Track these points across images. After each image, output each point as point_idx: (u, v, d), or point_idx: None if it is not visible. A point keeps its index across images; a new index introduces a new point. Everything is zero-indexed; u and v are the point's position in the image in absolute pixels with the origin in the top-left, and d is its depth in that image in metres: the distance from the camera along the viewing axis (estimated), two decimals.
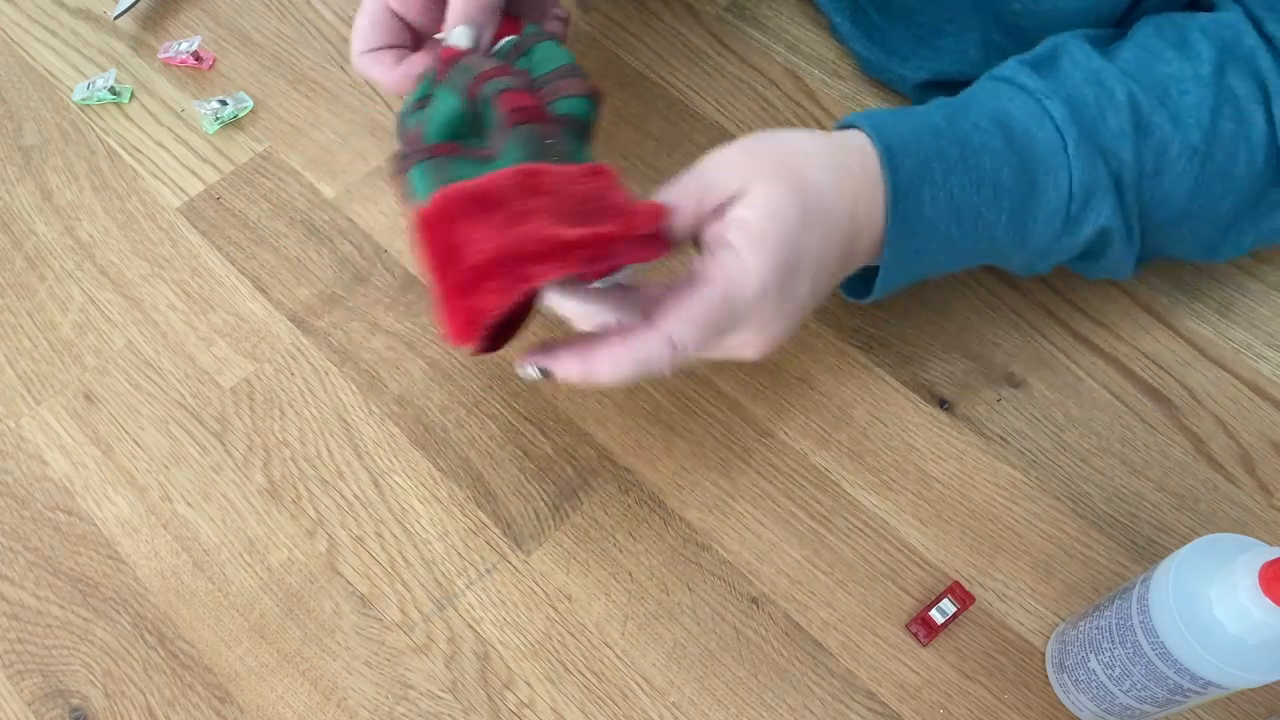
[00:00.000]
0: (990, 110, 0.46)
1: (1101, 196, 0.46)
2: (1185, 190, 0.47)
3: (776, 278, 0.41)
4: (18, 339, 0.56)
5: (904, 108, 0.47)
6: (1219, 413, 0.53)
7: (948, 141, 0.45)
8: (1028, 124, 0.46)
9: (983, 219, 0.46)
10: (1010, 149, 0.45)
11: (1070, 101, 0.46)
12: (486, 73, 0.43)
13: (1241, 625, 0.35)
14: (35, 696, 0.47)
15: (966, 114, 0.46)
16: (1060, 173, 0.45)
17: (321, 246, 0.59)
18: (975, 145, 0.45)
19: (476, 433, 0.53)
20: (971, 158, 0.45)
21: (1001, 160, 0.45)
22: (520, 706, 0.46)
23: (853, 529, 0.50)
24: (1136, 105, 0.46)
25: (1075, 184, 0.46)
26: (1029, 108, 0.46)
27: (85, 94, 0.65)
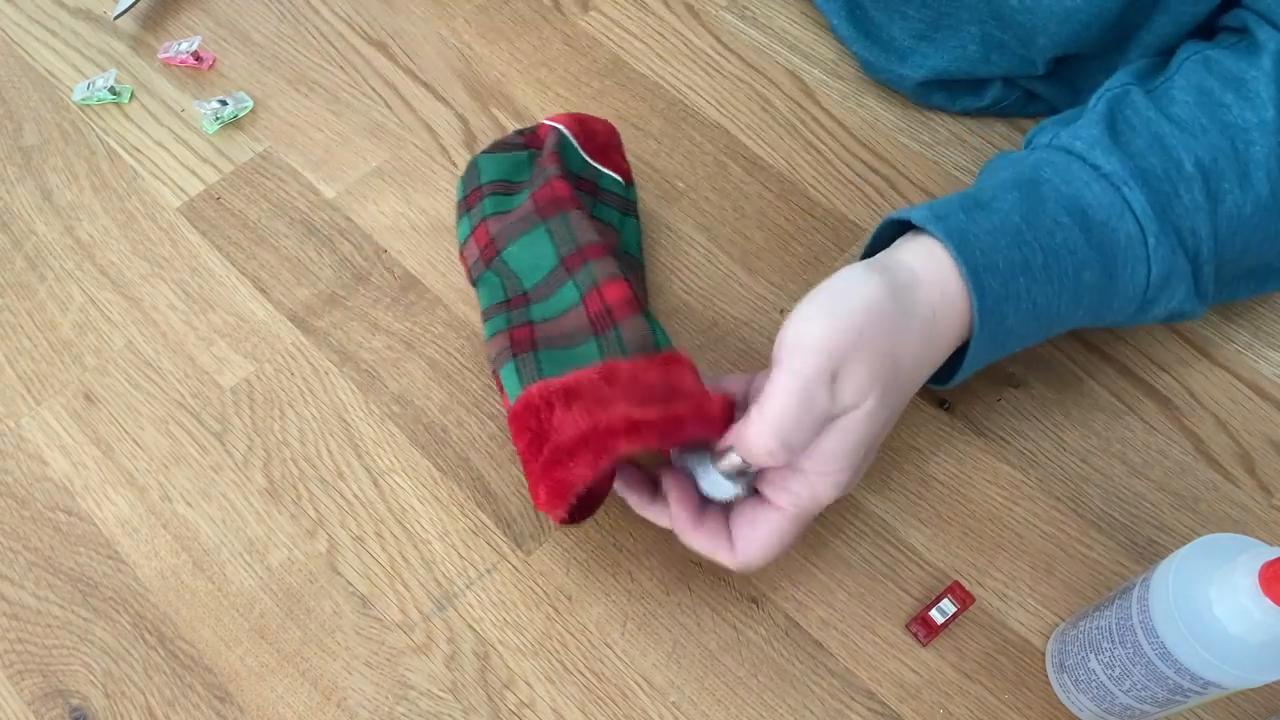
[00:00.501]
0: (1068, 200, 0.44)
1: (1177, 282, 0.46)
2: (1259, 241, 0.47)
3: (849, 483, 0.43)
4: (18, 339, 0.56)
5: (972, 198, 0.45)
6: (1219, 413, 0.53)
7: (1031, 250, 0.43)
8: (1107, 217, 0.44)
9: (1061, 316, 0.45)
10: (1090, 246, 0.44)
11: (1146, 182, 0.44)
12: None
13: (1241, 625, 0.35)
14: (35, 696, 0.47)
15: (1044, 207, 0.44)
16: (1139, 265, 0.45)
17: (321, 246, 0.59)
18: (1057, 248, 0.44)
19: (476, 433, 0.53)
20: (1054, 263, 0.44)
21: (1083, 261, 0.44)
22: (520, 706, 0.46)
23: (852, 529, 0.50)
24: (1206, 174, 0.45)
25: (1153, 275, 0.45)
26: (1107, 197, 0.44)
27: (85, 94, 0.65)
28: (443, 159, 0.62)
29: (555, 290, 0.48)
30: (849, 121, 0.63)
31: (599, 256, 0.47)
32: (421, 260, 0.58)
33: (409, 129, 0.63)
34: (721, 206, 0.60)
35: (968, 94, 0.62)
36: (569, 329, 0.47)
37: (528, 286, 0.49)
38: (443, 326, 0.56)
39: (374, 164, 0.62)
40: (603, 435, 0.41)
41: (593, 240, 0.48)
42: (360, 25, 0.68)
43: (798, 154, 0.62)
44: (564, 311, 0.47)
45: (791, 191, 0.60)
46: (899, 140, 0.62)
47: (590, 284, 0.47)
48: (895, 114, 0.63)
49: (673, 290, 0.57)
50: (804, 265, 0.58)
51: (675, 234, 0.59)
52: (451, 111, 0.64)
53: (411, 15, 0.69)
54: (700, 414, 0.42)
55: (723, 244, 0.58)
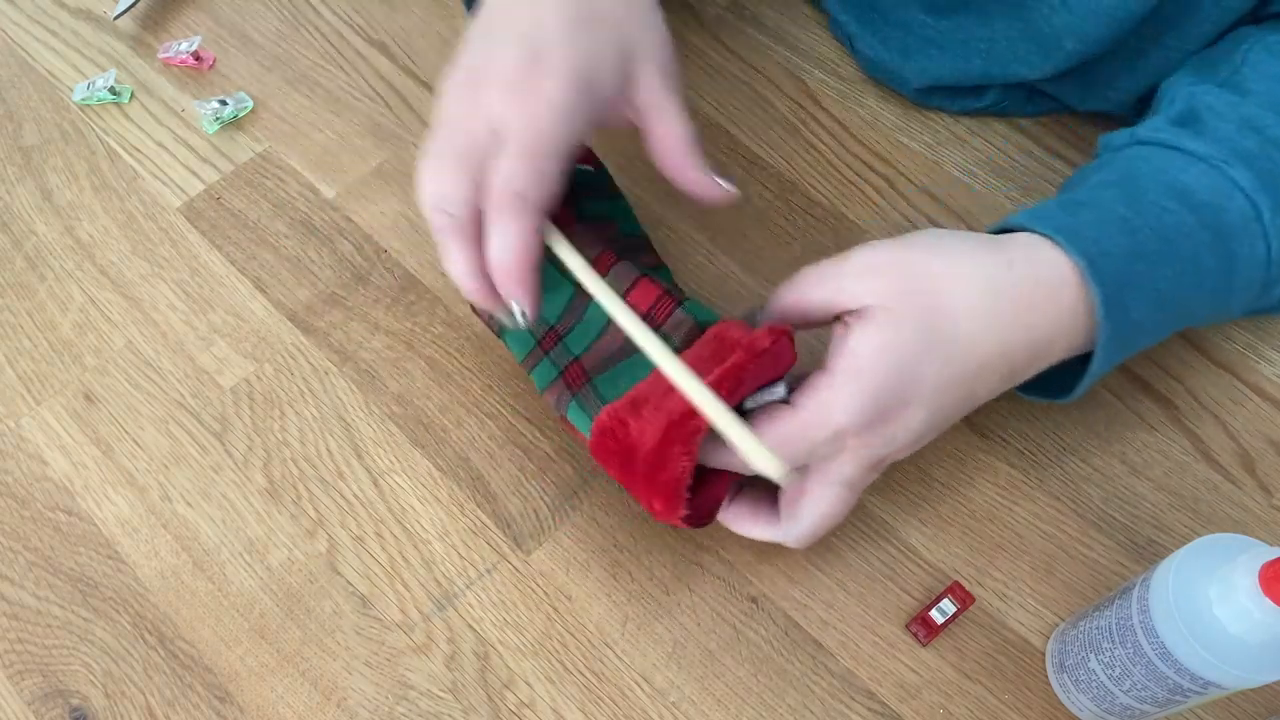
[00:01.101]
0: (1168, 185, 0.43)
1: None
2: None
3: (869, 413, 0.40)
4: (18, 339, 0.56)
5: (1070, 198, 0.44)
6: (1219, 413, 0.53)
7: (1143, 236, 0.42)
8: (1214, 196, 0.43)
9: (1185, 304, 0.44)
10: (1203, 227, 0.43)
11: (1246, 160, 0.43)
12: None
13: (1241, 625, 0.35)
14: (35, 696, 0.47)
15: (1144, 194, 0.43)
16: (1257, 242, 0.43)
17: (321, 246, 0.59)
18: (1170, 232, 0.42)
19: (476, 433, 0.53)
20: (1169, 247, 0.42)
21: (1199, 242, 0.43)
22: (520, 706, 0.46)
23: (853, 529, 0.50)
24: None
25: (1274, 250, 0.44)
26: (1211, 178, 0.43)
27: (85, 94, 0.65)
28: None
29: (582, 314, 0.48)
30: (849, 121, 0.63)
31: (610, 265, 0.47)
32: (421, 260, 0.58)
33: (409, 129, 0.63)
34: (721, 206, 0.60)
35: (968, 95, 0.62)
36: (613, 346, 0.46)
37: (554, 321, 0.48)
38: (443, 326, 0.56)
39: (374, 164, 0.62)
40: (680, 421, 0.40)
41: (598, 253, 0.47)
42: (360, 25, 0.68)
43: (798, 154, 0.62)
44: (601, 332, 0.47)
45: (791, 191, 0.60)
46: (899, 140, 0.62)
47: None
48: (895, 114, 0.63)
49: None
50: (804, 265, 0.57)
51: (675, 234, 0.59)
52: None
53: (411, 15, 0.69)
54: (754, 354, 0.40)
55: (722, 244, 0.58)
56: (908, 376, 0.40)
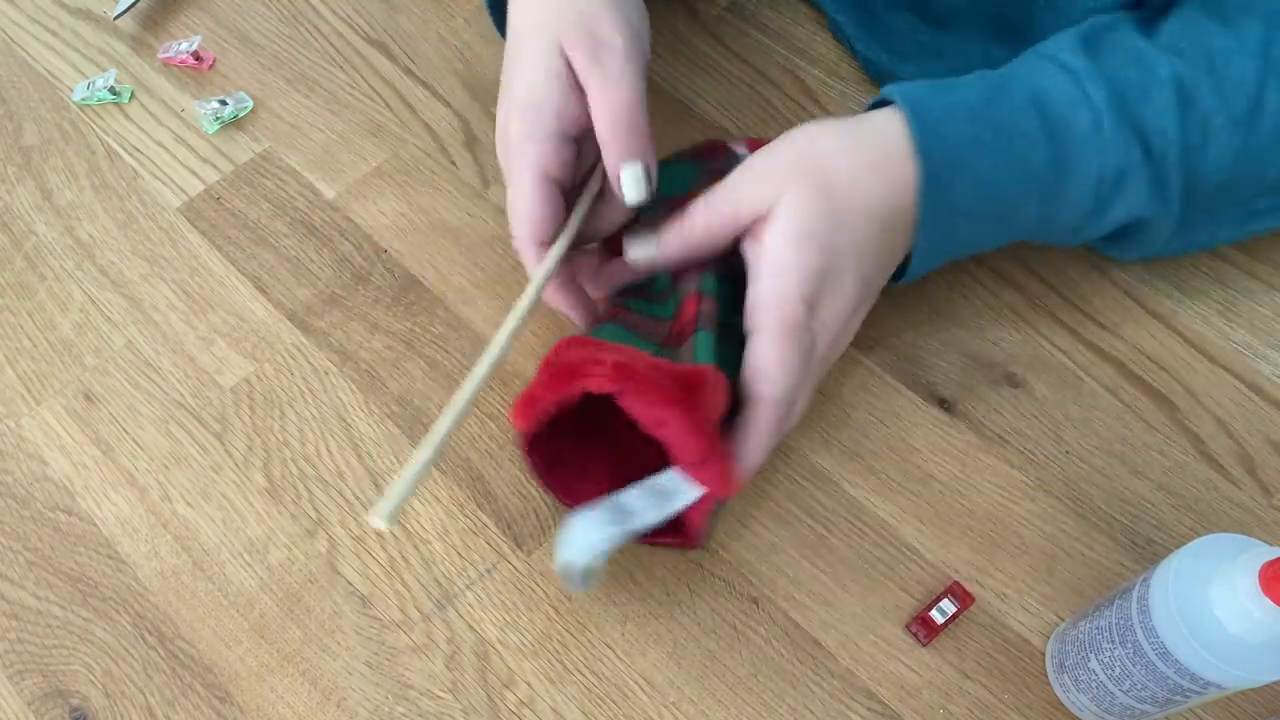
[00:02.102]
0: (1029, 89, 0.45)
1: (1135, 182, 0.46)
2: (1229, 159, 0.47)
3: (814, 285, 0.43)
4: (18, 339, 0.56)
5: (944, 81, 0.47)
6: (1219, 413, 0.53)
7: (983, 125, 0.44)
8: (1065, 107, 0.45)
9: (1011, 203, 0.46)
10: (1045, 133, 0.45)
11: (1112, 82, 0.45)
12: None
13: (1241, 625, 0.35)
14: (35, 696, 0.47)
15: (1005, 93, 0.45)
16: (1091, 158, 0.45)
17: (322, 246, 0.59)
18: (1009, 130, 0.45)
19: (476, 433, 0.53)
20: (1005, 144, 0.45)
21: (1036, 145, 0.45)
22: (520, 706, 0.46)
23: (853, 529, 0.50)
24: (1180, 80, 0.45)
25: (1106, 168, 0.46)
26: (1068, 89, 0.45)
27: (85, 94, 0.65)
28: (443, 159, 0.62)
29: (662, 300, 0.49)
30: None
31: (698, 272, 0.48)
32: (421, 260, 0.58)
33: (409, 129, 0.63)
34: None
35: None
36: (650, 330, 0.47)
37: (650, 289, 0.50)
38: (443, 326, 0.56)
39: (374, 164, 0.62)
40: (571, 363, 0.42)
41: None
42: (360, 25, 0.68)
43: None
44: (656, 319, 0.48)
45: None
46: None
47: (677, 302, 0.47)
48: None
49: None
50: None
51: None
52: (451, 111, 0.64)
53: (411, 15, 0.69)
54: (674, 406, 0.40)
55: None
56: (829, 247, 0.43)
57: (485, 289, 0.57)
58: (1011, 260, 0.57)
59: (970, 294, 0.57)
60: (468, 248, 0.59)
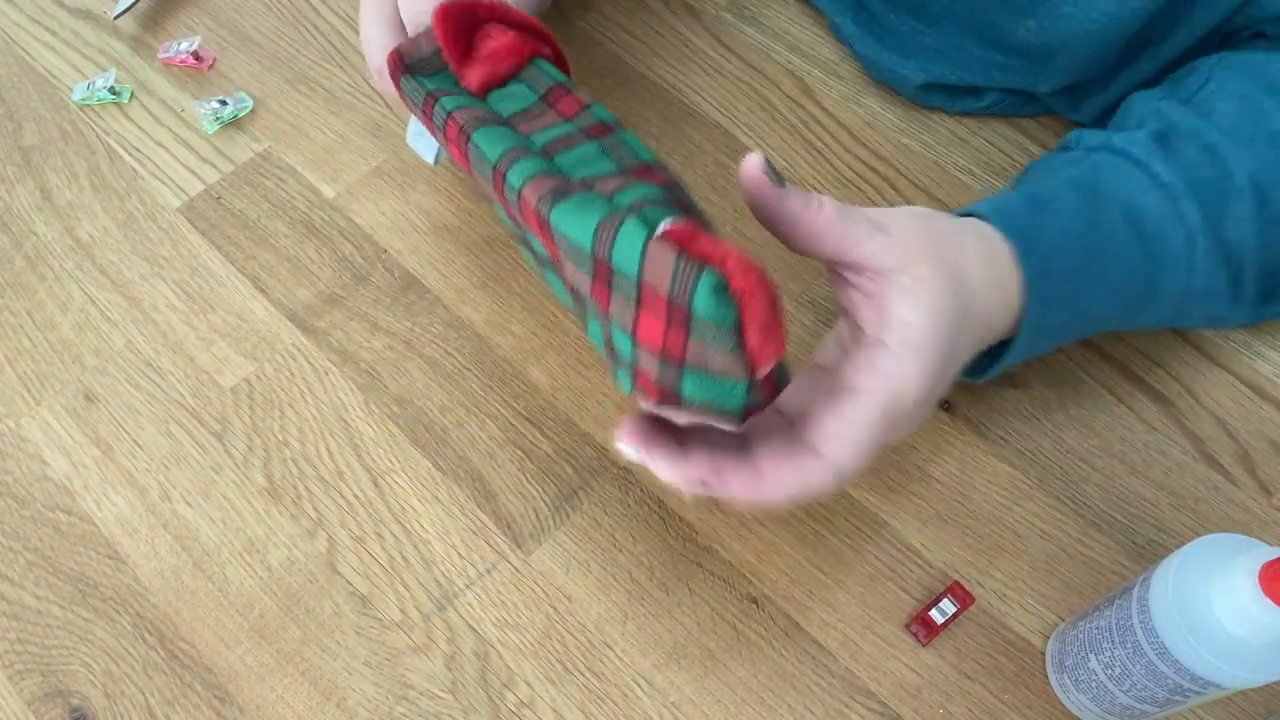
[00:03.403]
0: (1126, 206, 0.45)
1: (1215, 294, 0.46)
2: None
3: (933, 386, 0.39)
4: (18, 339, 0.56)
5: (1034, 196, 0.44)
6: (1219, 413, 0.53)
7: (1089, 256, 0.44)
8: (1161, 225, 0.45)
9: (1100, 318, 0.46)
10: (1143, 255, 0.45)
11: (1199, 195, 0.44)
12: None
13: (1241, 625, 0.35)
14: (35, 696, 0.47)
15: (1103, 211, 0.44)
16: (1180, 276, 0.45)
17: (322, 246, 0.59)
18: (1111, 254, 0.44)
19: (476, 433, 0.53)
20: (1107, 272, 0.44)
21: (1134, 269, 0.45)
22: (520, 706, 0.46)
23: (853, 529, 0.50)
24: (1258, 184, 0.45)
25: (1193, 287, 0.46)
26: (1162, 207, 0.45)
27: (85, 94, 0.65)
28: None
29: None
30: (849, 121, 0.63)
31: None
32: (421, 260, 0.58)
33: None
34: (721, 206, 0.60)
35: (967, 96, 0.62)
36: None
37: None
38: (443, 326, 0.56)
39: (374, 164, 0.62)
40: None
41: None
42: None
43: (798, 154, 0.62)
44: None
45: None
46: (899, 140, 0.62)
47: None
48: (895, 114, 0.63)
49: None
50: (804, 264, 0.57)
51: None
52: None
53: None
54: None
55: None
56: (954, 346, 0.39)
57: (485, 289, 0.57)
58: None
59: None
60: (468, 248, 0.59)
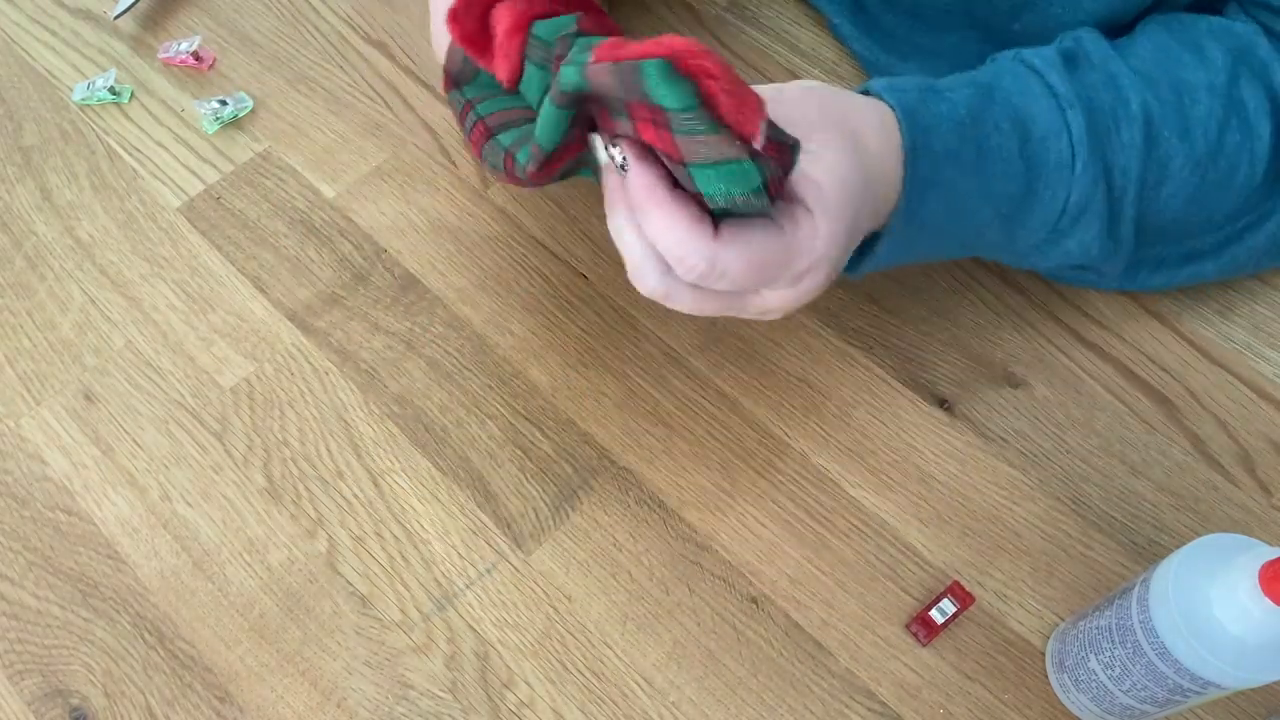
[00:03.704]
0: (1015, 109, 0.45)
1: (1091, 217, 0.46)
2: (1182, 200, 0.47)
3: (839, 246, 0.40)
4: (18, 339, 0.56)
5: (929, 84, 0.45)
6: (1219, 413, 0.53)
7: (968, 143, 0.44)
8: (1045, 133, 0.45)
9: (976, 220, 0.46)
10: (1022, 158, 0.45)
11: (1090, 111, 0.45)
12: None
13: (1241, 625, 0.35)
14: (35, 696, 0.47)
15: (991, 108, 0.45)
16: (1060, 189, 0.45)
17: (321, 246, 0.59)
18: (991, 150, 0.44)
19: (476, 433, 0.53)
20: (985, 165, 0.44)
21: (1012, 170, 0.45)
22: (520, 706, 0.46)
23: (853, 529, 0.50)
24: (1150, 117, 0.45)
25: (1071, 202, 0.46)
26: (1051, 115, 0.45)
27: (85, 94, 0.65)
28: (443, 159, 0.62)
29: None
30: None
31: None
32: (421, 260, 0.58)
33: (409, 129, 0.63)
34: None
35: None
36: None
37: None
38: (443, 326, 0.56)
39: (374, 164, 0.62)
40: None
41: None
42: (360, 25, 0.68)
43: None
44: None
45: None
46: None
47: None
48: None
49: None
50: None
51: None
52: (452, 111, 0.64)
53: (411, 15, 0.69)
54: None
55: None
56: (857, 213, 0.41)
57: (485, 289, 0.57)
58: None
59: (970, 294, 0.57)
60: (468, 248, 0.59)
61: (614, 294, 0.57)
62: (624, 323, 0.56)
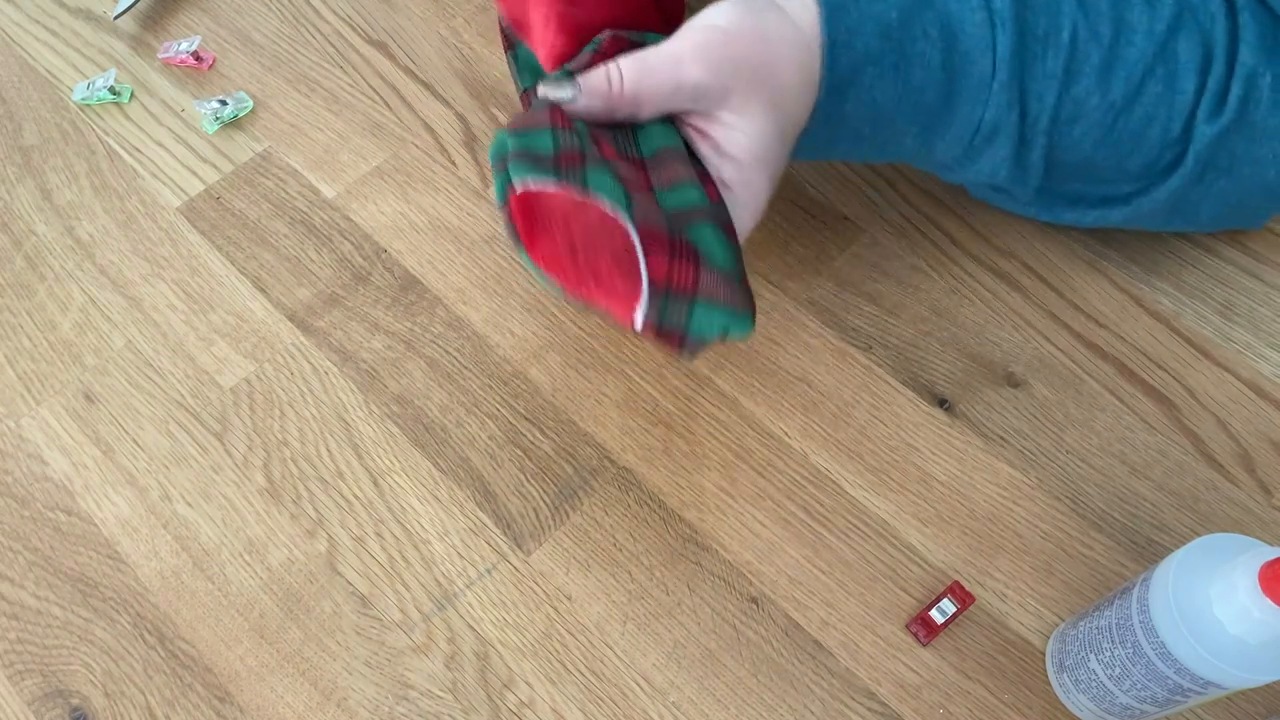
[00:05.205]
0: (947, 17, 0.44)
1: (1004, 140, 0.46)
2: (1092, 142, 0.47)
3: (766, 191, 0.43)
4: (18, 339, 0.56)
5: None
6: (1219, 413, 0.53)
7: (890, 45, 0.44)
8: (970, 48, 0.45)
9: (895, 126, 0.46)
10: (944, 69, 0.45)
11: (1021, 32, 0.45)
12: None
13: (1241, 625, 0.35)
14: (35, 696, 0.47)
15: (923, 13, 0.44)
16: (976, 106, 0.46)
17: (321, 246, 0.59)
18: (913, 57, 0.44)
19: (476, 433, 0.53)
20: (905, 70, 0.44)
21: (932, 79, 0.45)
22: (520, 706, 0.46)
23: (853, 529, 0.50)
24: (1075, 48, 0.45)
25: (985, 122, 0.46)
26: (980, 30, 0.44)
27: (85, 94, 0.65)
28: (443, 159, 0.62)
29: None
30: None
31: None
32: (421, 260, 0.58)
33: (409, 129, 0.63)
34: None
35: None
36: None
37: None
38: (443, 326, 0.56)
39: (374, 164, 0.62)
40: None
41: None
42: (360, 25, 0.68)
43: None
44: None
45: (791, 191, 0.60)
46: None
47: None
48: None
49: None
50: (804, 265, 0.58)
51: None
52: (451, 111, 0.64)
53: (411, 15, 0.69)
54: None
55: None
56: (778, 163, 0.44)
57: (485, 289, 0.57)
58: (1011, 260, 0.58)
59: (970, 294, 0.57)
60: (468, 248, 0.59)
61: None
62: None
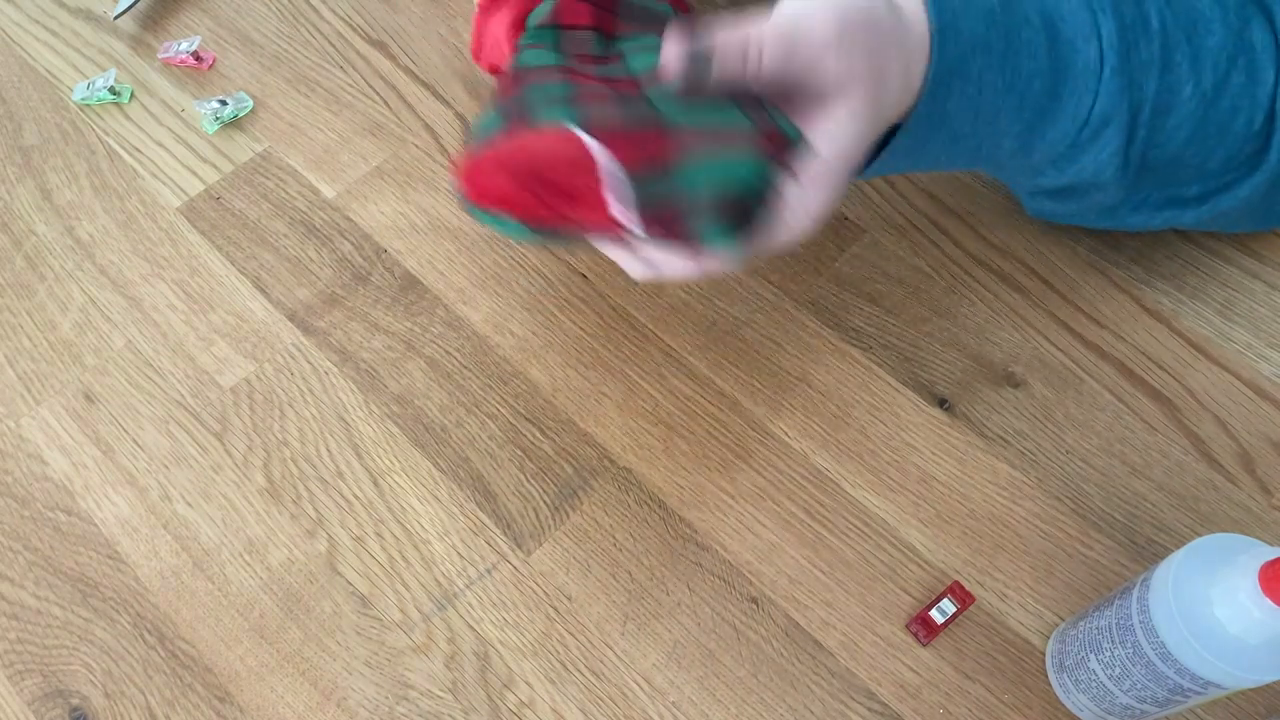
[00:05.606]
0: (1044, 5, 0.43)
1: (1114, 132, 0.45)
2: (1185, 135, 0.46)
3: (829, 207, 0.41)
4: (18, 339, 0.56)
5: None
6: (1219, 413, 0.53)
7: (997, 32, 0.42)
8: (1074, 35, 0.43)
9: (997, 124, 0.44)
10: (1050, 58, 0.43)
11: (1120, 17, 0.43)
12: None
13: (1241, 625, 0.35)
14: (35, 696, 0.47)
15: (1022, 3, 0.43)
16: (1086, 95, 0.44)
17: (321, 246, 0.59)
18: (1020, 44, 0.42)
19: (476, 433, 0.53)
20: (1012, 58, 0.42)
21: (1039, 68, 0.43)
22: (520, 706, 0.46)
23: (853, 529, 0.50)
24: (1166, 36, 0.44)
25: (1095, 111, 0.44)
26: (1081, 16, 0.43)
27: (85, 94, 0.65)
28: (443, 159, 0.62)
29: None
30: None
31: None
32: (421, 260, 0.58)
33: (409, 129, 0.63)
34: None
35: None
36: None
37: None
38: (443, 326, 0.56)
39: (374, 164, 0.62)
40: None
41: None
42: (360, 25, 0.68)
43: None
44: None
45: None
46: None
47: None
48: None
49: (672, 289, 0.57)
50: (804, 265, 0.58)
51: None
52: (451, 111, 0.64)
53: (411, 15, 0.69)
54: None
55: None
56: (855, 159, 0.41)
57: (485, 289, 0.57)
58: (1011, 260, 0.58)
59: (970, 294, 0.57)
60: (468, 248, 0.59)
61: (614, 294, 0.57)
62: (624, 323, 0.56)
